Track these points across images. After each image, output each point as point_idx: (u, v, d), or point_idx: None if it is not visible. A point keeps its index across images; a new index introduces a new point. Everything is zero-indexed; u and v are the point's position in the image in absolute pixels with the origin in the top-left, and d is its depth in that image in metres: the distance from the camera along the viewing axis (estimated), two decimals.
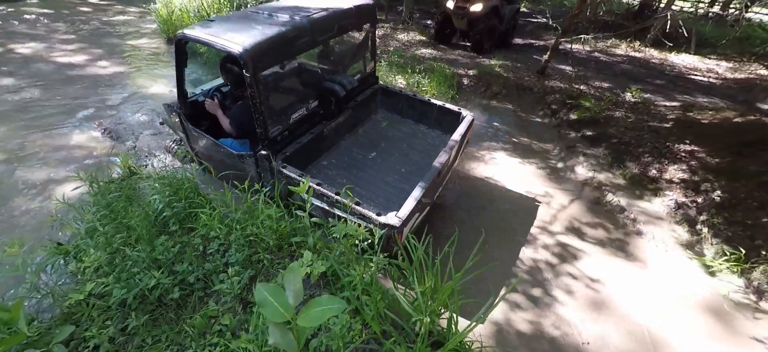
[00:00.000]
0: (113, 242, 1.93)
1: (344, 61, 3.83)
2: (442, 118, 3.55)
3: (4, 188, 3.35)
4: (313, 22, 2.65)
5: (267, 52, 2.33)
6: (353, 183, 2.71)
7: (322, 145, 3.21)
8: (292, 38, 2.50)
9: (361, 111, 3.65)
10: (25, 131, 4.19)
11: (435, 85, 5.68)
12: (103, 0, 10.26)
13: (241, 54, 2.21)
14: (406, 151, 3.38)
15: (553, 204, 3.77)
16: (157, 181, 2.23)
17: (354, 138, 3.52)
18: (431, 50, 8.21)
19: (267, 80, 2.69)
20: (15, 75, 5.57)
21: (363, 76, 3.67)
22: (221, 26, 2.53)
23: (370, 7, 3.29)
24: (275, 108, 2.78)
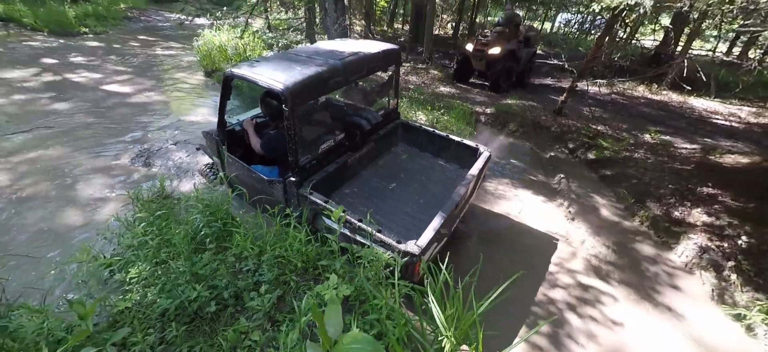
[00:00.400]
0: (158, 256, 2.11)
1: (370, 98, 4.15)
2: (460, 154, 3.70)
3: (56, 202, 3.65)
4: (346, 64, 2.93)
5: (304, 90, 2.58)
6: (374, 211, 2.83)
7: (345, 174, 3.39)
8: (327, 78, 2.76)
9: (383, 144, 3.85)
10: (76, 151, 4.58)
11: (454, 121, 5.89)
12: (150, 36, 11.29)
13: (282, 91, 2.46)
14: (425, 183, 3.52)
15: (573, 243, 3.76)
16: (199, 202, 2.42)
17: (375, 169, 3.71)
18: (450, 88, 8.54)
19: (301, 114, 2.91)
20: (71, 100, 6.14)
21: (386, 112, 3.92)
22: (265, 66, 2.82)
23: (396, 51, 3.60)
24: (306, 139, 2.99)
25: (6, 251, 2.77)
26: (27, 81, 6.83)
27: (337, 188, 3.32)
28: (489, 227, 3.90)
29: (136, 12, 14.43)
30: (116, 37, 10.76)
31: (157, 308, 1.80)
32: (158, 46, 10.33)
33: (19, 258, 2.77)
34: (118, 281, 2.05)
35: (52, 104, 5.93)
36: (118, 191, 3.90)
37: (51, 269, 2.52)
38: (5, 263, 2.49)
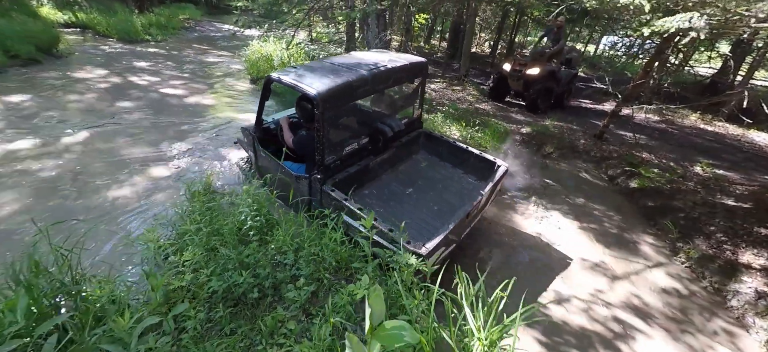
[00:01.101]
0: (209, 243, 2.30)
1: (395, 106, 4.36)
2: (478, 166, 3.79)
3: (117, 188, 4.05)
4: (374, 74, 3.15)
5: (334, 96, 2.81)
6: (389, 214, 3.03)
7: (366, 176, 3.59)
8: (356, 87, 3.00)
9: (405, 151, 4.03)
10: (137, 146, 5.06)
11: (488, 138, 5.87)
12: (203, 45, 12.25)
13: (315, 96, 2.70)
14: (441, 192, 3.63)
15: (609, 273, 3.59)
16: (247, 197, 2.62)
17: (395, 174, 3.87)
18: (486, 106, 8.51)
19: (330, 118, 3.15)
20: (132, 100, 6.80)
21: (410, 121, 4.10)
22: (302, 73, 3.08)
23: (423, 64, 3.79)
24: (333, 141, 3.21)
25: (73, 227, 3.12)
26: (99, 81, 7.65)
27: (358, 189, 3.47)
28: (519, 249, 3.82)
29: (193, 22, 15.74)
30: (174, 45, 11.78)
31: (208, 289, 1.97)
32: (210, 54, 11.18)
33: (82, 233, 3.11)
34: (172, 263, 2.25)
35: (118, 103, 6.59)
36: (169, 181, 4.26)
37: (118, 246, 2.81)
38: (74, 235, 2.81)
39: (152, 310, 1.61)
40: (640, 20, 4.57)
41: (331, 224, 2.61)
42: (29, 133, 5.13)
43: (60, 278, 1.77)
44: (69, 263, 1.83)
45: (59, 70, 7.98)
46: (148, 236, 2.01)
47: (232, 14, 15.29)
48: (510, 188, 5.03)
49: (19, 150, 4.67)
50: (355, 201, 2.82)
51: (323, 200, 2.96)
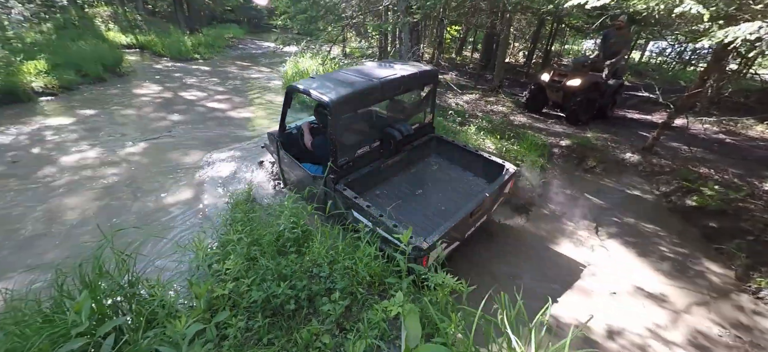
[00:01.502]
0: (249, 253, 2.39)
1: (407, 112, 4.54)
2: (488, 169, 3.86)
3: (166, 195, 4.36)
4: (383, 83, 3.37)
5: (346, 103, 3.08)
6: (397, 212, 3.19)
7: (378, 177, 3.81)
8: (367, 94, 3.25)
9: (417, 154, 4.24)
10: (185, 156, 5.43)
11: (524, 151, 5.65)
12: (245, 61, 13.01)
13: (328, 103, 2.98)
14: (450, 193, 3.75)
15: (668, 304, 3.25)
16: (287, 208, 2.70)
17: (406, 176, 4.07)
18: (521, 118, 8.24)
19: (344, 122, 3.41)
20: (182, 114, 7.33)
21: (421, 125, 4.28)
22: (319, 82, 3.35)
23: (434, 72, 4.00)
24: (346, 143, 3.45)
25: (131, 232, 3.38)
26: (154, 97, 8.35)
27: (369, 189, 3.70)
28: (562, 270, 3.61)
29: (236, 40, 16.80)
30: (219, 62, 12.62)
31: (249, 298, 2.04)
32: (252, 69, 11.84)
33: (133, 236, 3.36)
34: (215, 271, 2.36)
35: (170, 116, 7.14)
36: (213, 189, 4.50)
37: (168, 253, 3.01)
38: (130, 239, 3.04)
39: (197, 317, 1.70)
40: (696, 29, 4.24)
41: (365, 237, 2.62)
42: (96, 144, 5.68)
43: (119, 280, 1.92)
44: (127, 268, 1.98)
45: (121, 87, 8.82)
46: (196, 245, 2.14)
47: (271, 32, 16.14)
48: (550, 203, 4.80)
49: (87, 159, 5.18)
50: (367, 201, 3.00)
51: (337, 198, 3.18)
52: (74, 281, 1.96)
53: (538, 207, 4.74)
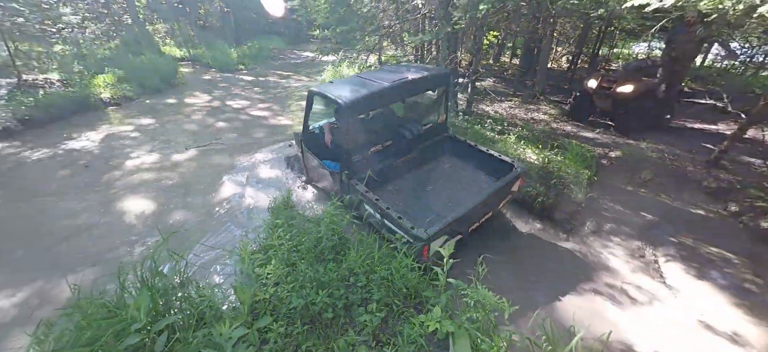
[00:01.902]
0: (289, 259, 2.45)
1: (420, 112, 4.75)
2: (498, 167, 3.95)
3: (216, 200, 4.62)
4: (395, 85, 3.61)
5: (357, 105, 3.33)
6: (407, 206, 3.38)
7: (389, 174, 4.04)
8: (378, 96, 3.50)
9: (429, 153, 4.44)
10: (229, 161, 5.74)
11: (569, 162, 5.33)
12: (286, 71, 13.59)
13: (340, 104, 3.25)
14: (458, 190, 3.89)
15: (746, 349, 2.81)
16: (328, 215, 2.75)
17: (418, 173, 4.28)
18: (565, 126, 7.83)
19: (358, 122, 3.71)
20: (227, 121, 7.79)
21: (434, 126, 4.50)
22: (336, 86, 3.64)
23: (446, 74, 4.21)
24: (359, 142, 3.74)
25: (183, 235, 3.60)
26: (204, 106, 8.96)
27: (382, 185, 3.90)
28: (614, 294, 3.32)
29: (277, 51, 17.63)
30: (261, 72, 13.29)
31: (289, 305, 2.08)
32: (291, 78, 12.34)
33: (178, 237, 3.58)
34: (256, 275, 2.44)
35: (217, 124, 7.61)
36: (255, 192, 4.70)
37: (217, 253, 3.18)
38: (178, 241, 3.25)
39: (241, 321, 1.76)
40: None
41: (402, 249, 2.59)
42: (153, 150, 6.18)
43: (172, 280, 2.04)
44: (180, 270, 2.11)
45: (175, 97, 9.57)
46: (241, 251, 2.23)
47: (310, 43, 16.74)
48: (597, 220, 4.47)
49: (145, 163, 5.65)
50: (379, 195, 3.20)
51: (351, 192, 3.47)
52: (134, 277, 2.11)
53: (584, 223, 4.44)
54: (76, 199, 4.62)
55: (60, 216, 4.23)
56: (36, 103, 7.20)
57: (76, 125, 7.24)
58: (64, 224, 4.08)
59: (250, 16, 18.46)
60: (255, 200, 4.64)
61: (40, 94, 7.75)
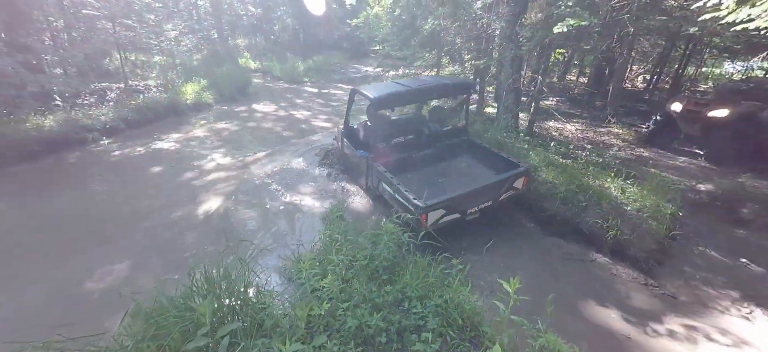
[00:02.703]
0: (345, 276, 2.50)
1: (442, 116, 5.62)
2: (507, 167, 4.35)
3: (273, 204, 4.92)
4: (419, 88, 4.49)
5: (384, 100, 4.26)
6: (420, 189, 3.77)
7: (409, 163, 4.70)
8: (401, 95, 4.41)
9: (448, 152, 5.06)
10: (291, 166, 6.09)
11: (648, 195, 4.74)
12: (346, 84, 14.19)
13: (371, 99, 4.15)
14: (467, 182, 4.29)
15: None
16: (387, 234, 2.76)
17: (435, 167, 4.87)
18: (643, 152, 7.06)
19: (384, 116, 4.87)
20: (291, 129, 8.33)
21: (454, 129, 5.33)
22: (372, 87, 4.68)
23: (467, 83, 5.43)
24: (384, 133, 4.66)
25: (248, 243, 3.87)
26: (271, 114, 9.70)
27: (402, 172, 4.49)
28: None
29: (339, 65, 18.52)
30: (324, 84, 14.04)
31: (344, 324, 2.10)
32: (343, 90, 12.85)
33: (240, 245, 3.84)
34: (313, 288, 2.51)
35: (283, 132, 8.16)
36: (314, 200, 4.92)
37: (278, 262, 3.37)
38: (244, 245, 3.49)
39: (298, 337, 1.81)
40: None
41: (457, 276, 2.49)
42: (226, 153, 6.82)
43: (237, 287, 2.19)
44: (244, 276, 2.26)
45: (247, 105, 10.50)
46: (299, 263, 2.33)
47: (371, 57, 17.33)
48: (681, 263, 3.91)
49: (219, 165, 6.24)
50: (398, 180, 3.83)
51: (375, 175, 4.21)
52: (202, 278, 2.30)
53: (666, 265, 3.91)
54: (159, 195, 5.24)
55: (144, 209, 4.82)
56: (136, 107, 8.38)
57: (165, 127, 8.28)
58: (144, 218, 4.64)
59: (317, 33, 19.69)
60: (311, 206, 4.85)
61: (140, 98, 9.01)
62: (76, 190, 5.35)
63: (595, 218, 4.33)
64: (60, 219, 4.58)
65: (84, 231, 4.30)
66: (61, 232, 4.29)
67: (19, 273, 3.54)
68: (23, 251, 3.91)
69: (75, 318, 2.71)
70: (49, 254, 3.85)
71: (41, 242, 4.06)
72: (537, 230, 4.52)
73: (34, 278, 3.48)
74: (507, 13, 6.30)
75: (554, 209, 4.57)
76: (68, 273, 3.55)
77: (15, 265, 3.67)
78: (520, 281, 1.94)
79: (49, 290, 3.32)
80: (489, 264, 3.69)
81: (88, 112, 7.67)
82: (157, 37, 11.38)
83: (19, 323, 2.90)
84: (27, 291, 3.31)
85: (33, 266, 3.65)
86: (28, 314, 3.03)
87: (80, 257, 3.80)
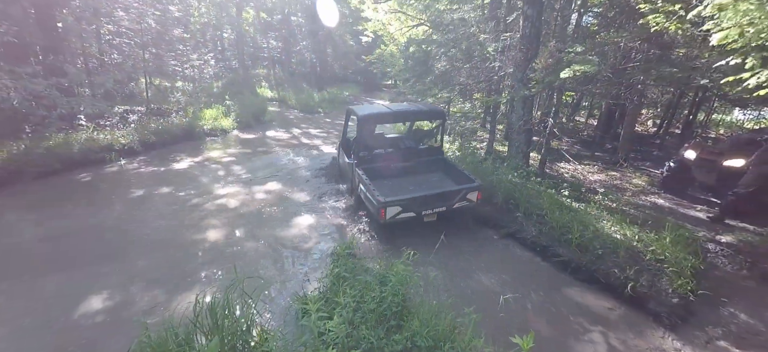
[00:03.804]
0: (353, 319, 2.42)
1: (419, 136, 6.77)
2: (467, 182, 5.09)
3: (283, 231, 4.89)
4: (395, 112, 5.82)
5: (368, 118, 5.44)
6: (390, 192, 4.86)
7: (385, 171, 5.61)
8: (382, 116, 5.71)
9: (423, 167, 5.95)
10: (297, 192, 6.11)
11: (667, 246, 4.58)
12: None
13: (358, 117, 5.25)
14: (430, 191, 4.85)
15: None
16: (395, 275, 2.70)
17: (411, 179, 5.69)
18: (657, 199, 6.92)
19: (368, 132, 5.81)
20: (301, 156, 8.44)
21: (430, 148, 6.30)
22: (362, 107, 5.95)
23: (439, 110, 6.49)
24: (367, 145, 5.64)
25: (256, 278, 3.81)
26: (284, 141, 9.90)
27: (380, 178, 5.37)
28: None
29: (352, 97, 19.05)
30: (336, 115, 14.38)
31: None
32: None
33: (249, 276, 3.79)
34: (318, 332, 2.42)
35: (296, 159, 8.28)
36: (321, 231, 4.88)
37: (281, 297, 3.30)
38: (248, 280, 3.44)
39: None
40: None
41: (470, 325, 2.39)
42: (236, 179, 6.91)
43: (240, 324, 2.14)
44: (249, 314, 2.21)
45: (261, 132, 10.76)
46: (309, 303, 2.27)
47: (382, 91, 17.83)
48: (705, 323, 3.70)
49: (228, 191, 6.29)
50: (375, 185, 4.61)
51: (356, 176, 5.11)
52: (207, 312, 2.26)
53: (690, 322, 3.71)
54: (168, 216, 5.27)
55: (151, 231, 4.84)
56: (155, 130, 8.65)
57: (181, 150, 8.49)
58: (152, 239, 4.65)
59: (334, 66, 20.49)
60: (318, 238, 4.81)
61: (160, 121, 9.33)
62: (90, 207, 5.44)
63: (611, 267, 4.18)
64: (69, 234, 4.62)
65: (90, 248, 4.33)
66: (68, 247, 4.32)
67: (19, 289, 3.53)
68: (29, 264, 3.92)
69: (72, 340, 2.66)
70: (55, 269, 3.85)
71: (48, 256, 4.08)
72: (553, 273, 4.38)
73: (35, 296, 3.45)
74: (519, 58, 6.48)
75: (569, 255, 4.45)
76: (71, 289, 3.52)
77: (19, 278, 3.67)
78: (535, 339, 1.84)
79: (48, 308, 3.27)
80: (505, 319, 3.49)
81: (110, 134, 7.94)
82: (181, 64, 11.94)
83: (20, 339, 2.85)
84: (25, 313, 3.27)
85: (37, 281, 3.64)
86: (29, 330, 2.98)
87: (86, 272, 3.79)
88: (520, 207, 5.44)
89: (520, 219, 5.28)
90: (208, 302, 2.28)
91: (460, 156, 7.70)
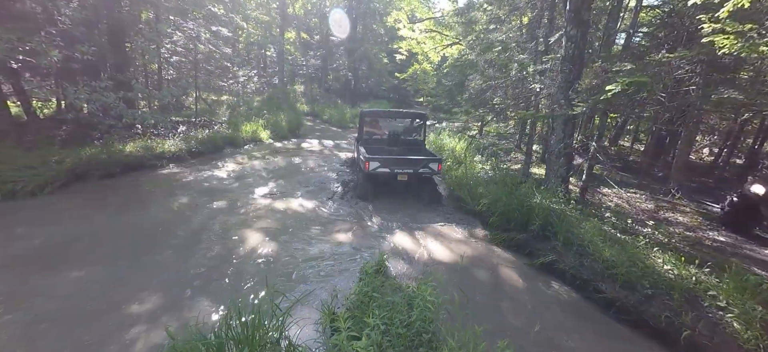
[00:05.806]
0: (381, 345, 2.36)
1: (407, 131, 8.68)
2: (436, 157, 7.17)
3: (310, 246, 4.95)
4: (388, 112, 9.52)
5: (369, 114, 8.30)
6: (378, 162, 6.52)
7: (379, 150, 7.51)
8: (379, 115, 9.27)
9: (405, 150, 7.84)
10: (327, 205, 6.18)
11: (729, 290, 4.08)
12: None
13: (362, 112, 8.05)
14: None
15: None
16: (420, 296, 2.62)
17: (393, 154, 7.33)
18: (717, 236, 6.26)
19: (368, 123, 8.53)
20: (333, 169, 8.60)
21: (414, 140, 8.27)
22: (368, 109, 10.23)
23: (422, 113, 8.40)
24: (369, 132, 8.39)
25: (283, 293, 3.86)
26: (316, 153, 10.19)
27: (376, 154, 6.87)
28: None
29: None
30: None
31: None
32: None
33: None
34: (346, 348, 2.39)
35: (327, 173, 8.46)
36: (348, 240, 4.87)
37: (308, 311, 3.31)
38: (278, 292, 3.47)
39: None
40: None
41: None
42: (272, 187, 7.15)
43: (271, 336, 2.16)
44: (279, 325, 2.23)
45: (295, 144, 11.17)
46: (339, 321, 2.26)
47: (414, 107, 17.96)
48: None
49: (262, 200, 6.50)
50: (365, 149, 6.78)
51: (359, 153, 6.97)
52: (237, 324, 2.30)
53: None
54: (209, 219, 5.52)
55: (193, 230, 5.07)
56: (201, 139, 9.25)
57: (223, 158, 9.00)
58: (194, 238, 4.87)
59: (368, 84, 21.03)
60: (349, 252, 4.80)
61: (206, 132, 9.97)
62: (141, 210, 5.83)
63: (663, 310, 3.80)
64: (124, 231, 4.98)
65: (137, 245, 4.61)
66: (120, 243, 4.63)
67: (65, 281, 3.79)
68: (81, 257, 4.23)
69: (99, 337, 2.80)
70: (103, 264, 4.12)
71: (99, 252, 4.39)
72: (594, 312, 4.06)
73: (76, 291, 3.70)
74: (560, 79, 6.25)
75: (613, 293, 4.10)
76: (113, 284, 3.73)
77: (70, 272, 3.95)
78: None
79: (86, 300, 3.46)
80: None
81: (162, 142, 8.59)
82: (228, 80, 12.79)
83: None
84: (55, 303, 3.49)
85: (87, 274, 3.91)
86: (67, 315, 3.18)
87: (128, 270, 4.02)
88: (558, 236, 5.13)
89: (559, 248, 4.98)
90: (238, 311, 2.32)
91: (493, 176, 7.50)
